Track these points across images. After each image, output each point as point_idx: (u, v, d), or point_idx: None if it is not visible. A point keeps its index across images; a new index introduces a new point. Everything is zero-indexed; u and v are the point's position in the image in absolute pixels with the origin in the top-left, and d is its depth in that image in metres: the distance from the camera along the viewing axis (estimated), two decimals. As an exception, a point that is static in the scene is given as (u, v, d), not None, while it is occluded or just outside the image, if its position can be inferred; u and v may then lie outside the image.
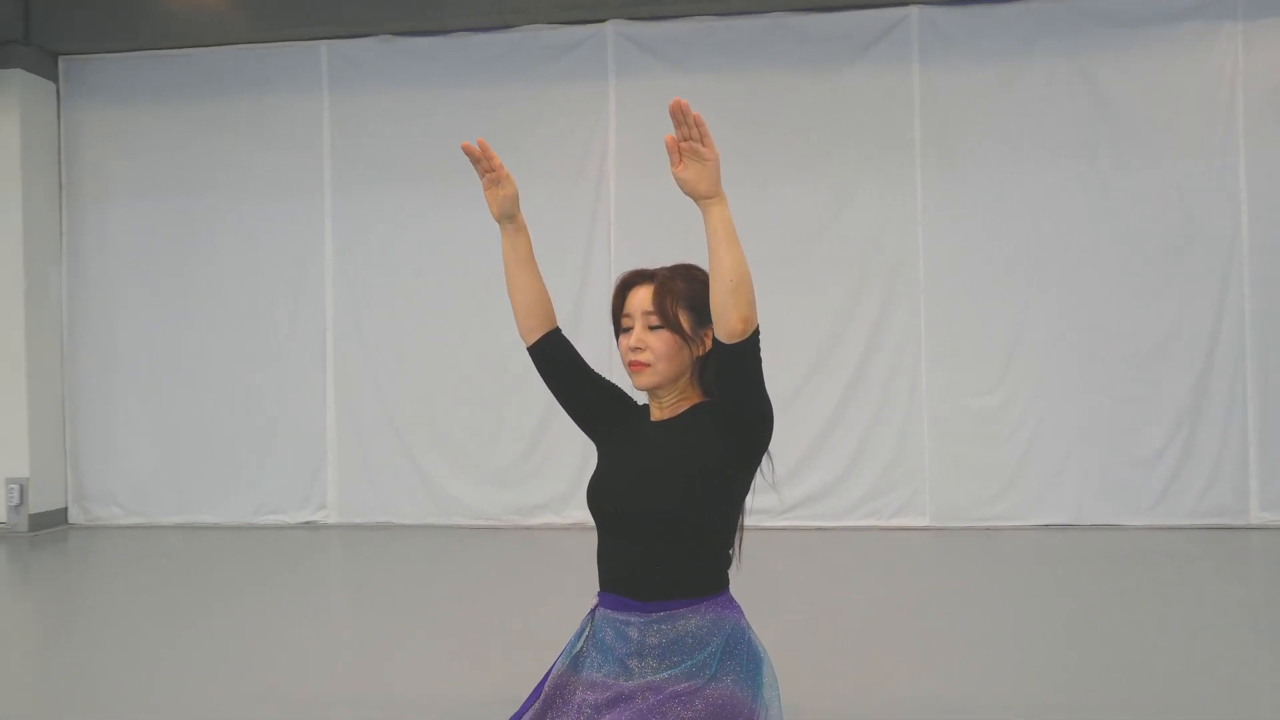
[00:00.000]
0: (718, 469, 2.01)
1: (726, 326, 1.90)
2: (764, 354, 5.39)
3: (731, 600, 2.09)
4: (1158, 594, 4.30)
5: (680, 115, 1.81)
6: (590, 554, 2.14)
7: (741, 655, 2.01)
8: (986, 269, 5.77)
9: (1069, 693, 3.08)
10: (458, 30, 6.14)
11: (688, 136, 1.83)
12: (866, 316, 5.84)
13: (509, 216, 2.19)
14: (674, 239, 5.87)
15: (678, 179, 1.86)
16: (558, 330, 2.28)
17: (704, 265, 5.31)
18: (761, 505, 5.76)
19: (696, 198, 1.88)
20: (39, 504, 6.33)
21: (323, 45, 6.31)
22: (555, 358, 2.26)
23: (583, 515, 5.80)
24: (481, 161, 2.12)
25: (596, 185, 6.07)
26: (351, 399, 6.28)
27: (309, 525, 6.29)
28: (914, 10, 5.80)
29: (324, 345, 6.34)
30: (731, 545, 2.14)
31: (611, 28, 6.04)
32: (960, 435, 5.77)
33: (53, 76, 6.52)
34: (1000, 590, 4.40)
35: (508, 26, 6.10)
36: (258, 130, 6.38)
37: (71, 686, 3.36)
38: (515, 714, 2.09)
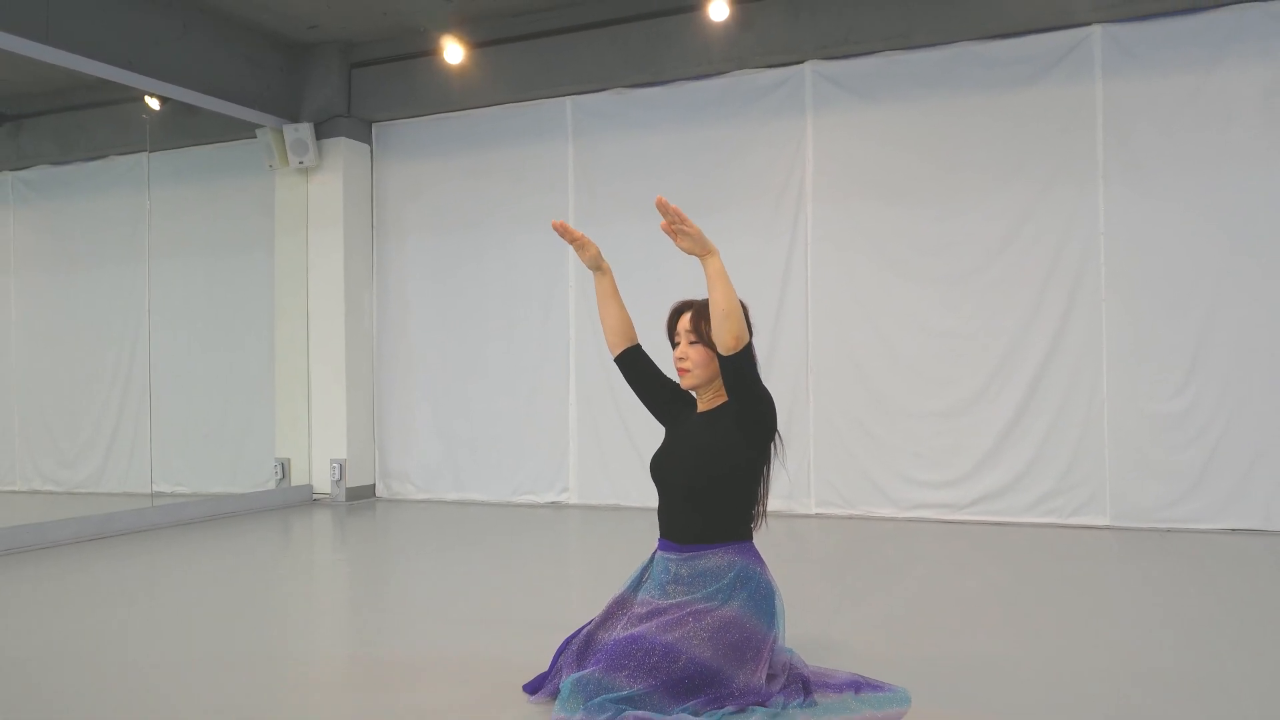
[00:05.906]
0: (733, 450, 2.71)
1: (722, 343, 2.60)
2: (952, 361, 6.84)
3: (751, 548, 2.77)
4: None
5: (662, 209, 2.56)
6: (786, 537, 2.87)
7: (751, 588, 2.67)
8: (1169, 279, 5.81)
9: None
10: (677, 79, 7.04)
11: (672, 223, 2.58)
12: (1048, 325, 6.04)
13: (595, 267, 3.02)
14: (865, 261, 6.45)
15: (680, 248, 2.63)
16: (638, 346, 3.06)
17: (910, 278, 6.19)
18: (944, 500, 6.21)
19: (694, 255, 2.63)
20: (354, 480, 7.88)
21: (568, 101, 7.42)
22: (635, 367, 3.04)
23: (787, 505, 6.46)
24: (565, 236, 2.95)
25: (795, 213, 6.71)
26: (589, 398, 7.33)
27: (554, 505, 7.42)
28: (1096, 29, 5.96)
29: (567, 354, 7.45)
30: (754, 507, 2.85)
31: (809, 68, 6.67)
32: (1143, 439, 5.84)
33: (367, 140, 8.11)
34: (1175, 590, 4.43)
35: (719, 73, 6.92)
36: (516, 175, 7.61)
37: (382, 610, 4.50)
38: (583, 625, 2.90)
